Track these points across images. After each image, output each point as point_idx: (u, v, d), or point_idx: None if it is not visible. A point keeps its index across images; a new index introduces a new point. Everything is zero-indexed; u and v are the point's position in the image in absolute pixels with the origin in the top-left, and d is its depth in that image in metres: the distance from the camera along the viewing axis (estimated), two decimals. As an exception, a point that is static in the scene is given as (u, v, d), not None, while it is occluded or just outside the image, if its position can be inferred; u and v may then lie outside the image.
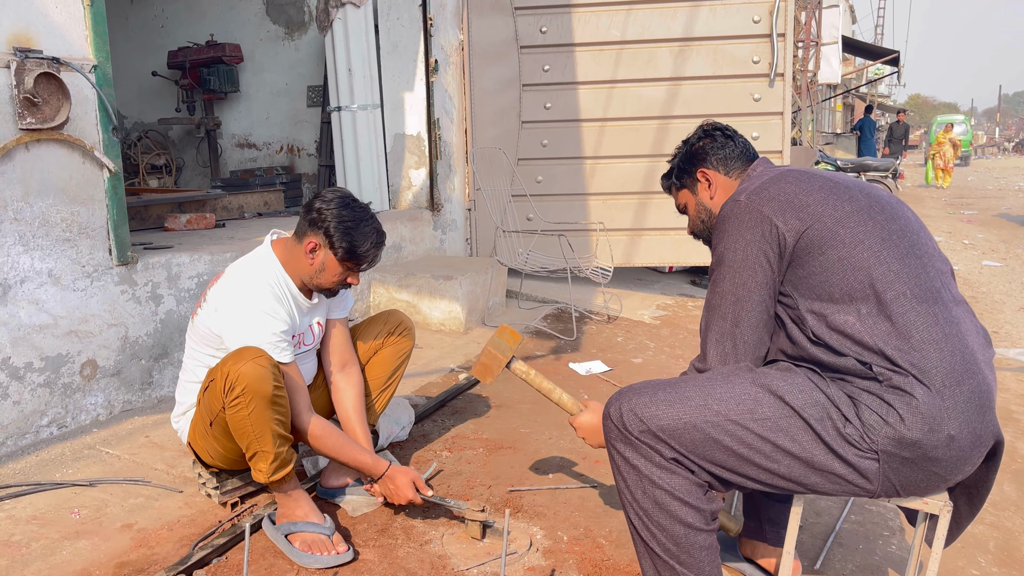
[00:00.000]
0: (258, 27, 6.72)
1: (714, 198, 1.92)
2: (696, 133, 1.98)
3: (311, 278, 2.25)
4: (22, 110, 2.61)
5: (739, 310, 1.69)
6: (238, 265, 2.29)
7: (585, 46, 5.52)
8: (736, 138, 1.94)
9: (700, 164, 1.93)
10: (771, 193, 1.69)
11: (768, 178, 1.76)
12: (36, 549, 2.13)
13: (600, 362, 4.01)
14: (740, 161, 1.91)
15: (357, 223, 2.18)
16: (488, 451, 2.87)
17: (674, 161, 2.01)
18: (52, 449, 2.73)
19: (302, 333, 2.36)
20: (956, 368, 1.51)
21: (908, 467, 1.52)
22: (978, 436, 1.52)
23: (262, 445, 2.07)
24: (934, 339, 1.53)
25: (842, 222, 1.62)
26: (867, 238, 1.61)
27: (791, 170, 1.78)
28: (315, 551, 2.10)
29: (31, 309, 2.73)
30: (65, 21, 2.77)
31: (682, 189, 1.99)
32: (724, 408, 1.59)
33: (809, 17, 15.67)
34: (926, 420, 1.48)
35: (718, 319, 1.72)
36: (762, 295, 1.67)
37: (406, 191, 5.54)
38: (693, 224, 2.00)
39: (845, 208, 1.64)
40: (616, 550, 2.21)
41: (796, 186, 1.69)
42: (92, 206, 2.89)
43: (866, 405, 1.53)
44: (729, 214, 1.72)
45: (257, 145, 6.92)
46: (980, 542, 2.39)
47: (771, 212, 1.65)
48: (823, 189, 1.68)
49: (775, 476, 1.59)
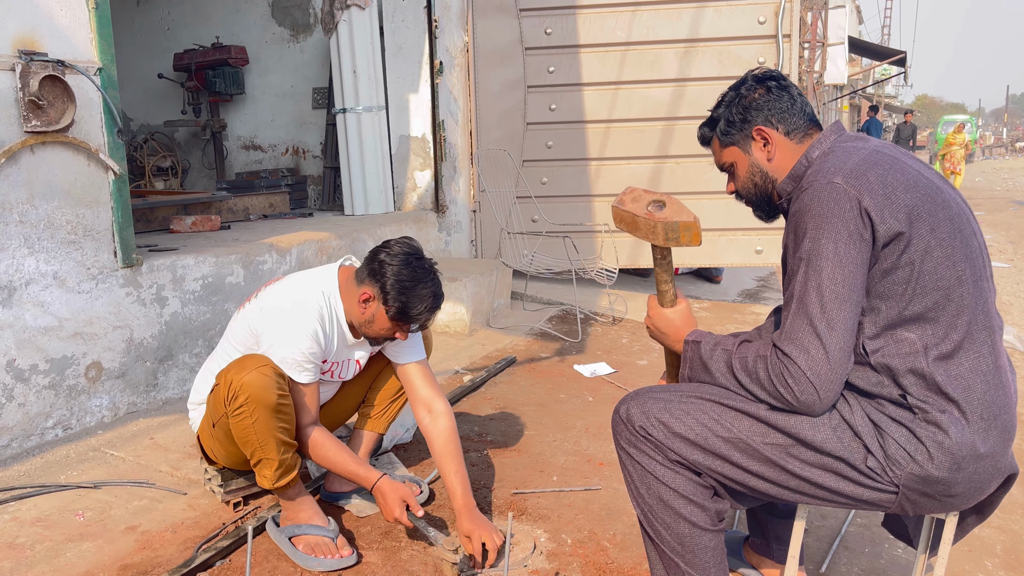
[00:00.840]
0: (263, 29, 6.72)
1: (772, 160, 1.69)
2: (747, 81, 1.73)
3: (360, 325, 2.21)
4: (27, 113, 2.62)
5: (836, 310, 1.45)
6: (300, 276, 2.28)
7: (590, 47, 5.51)
8: (792, 89, 1.70)
9: (756, 119, 1.69)
10: (871, 180, 1.48)
11: (862, 159, 1.53)
12: (40, 551, 2.13)
13: (605, 364, 4.00)
14: (800, 119, 1.68)
15: (415, 284, 2.10)
16: (492, 453, 2.86)
17: (719, 111, 1.76)
18: (57, 451, 2.74)
19: (337, 363, 2.31)
20: (997, 402, 1.47)
21: (926, 499, 1.49)
22: (998, 469, 1.49)
23: (266, 453, 2.07)
24: (984, 369, 1.47)
25: (935, 231, 1.46)
26: (954, 253, 1.47)
27: (882, 152, 1.56)
28: (319, 554, 2.09)
29: (36, 311, 2.73)
30: (70, 24, 2.77)
31: (730, 146, 1.74)
32: (736, 426, 1.56)
33: (815, 18, 15.63)
34: (955, 460, 1.43)
35: (812, 317, 1.46)
36: (859, 296, 1.47)
37: (411, 193, 5.54)
38: (743, 186, 1.76)
39: (939, 215, 1.48)
40: (620, 553, 2.20)
41: (893, 175, 1.49)
42: (97, 208, 2.90)
43: (893, 438, 1.46)
44: (826, 197, 1.49)
45: (262, 147, 6.92)
46: (987, 545, 2.37)
47: (871, 204, 1.45)
48: (918, 186, 1.50)
49: (784, 491, 1.57)
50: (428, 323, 2.20)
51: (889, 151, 1.58)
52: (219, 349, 2.34)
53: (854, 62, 21.99)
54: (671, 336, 1.78)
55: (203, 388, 2.34)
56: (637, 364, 4.07)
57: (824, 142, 1.65)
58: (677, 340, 1.76)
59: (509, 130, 5.68)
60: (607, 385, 3.70)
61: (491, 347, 4.27)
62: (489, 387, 3.63)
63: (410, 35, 5.34)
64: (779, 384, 1.49)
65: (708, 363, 1.65)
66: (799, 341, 1.47)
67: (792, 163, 1.68)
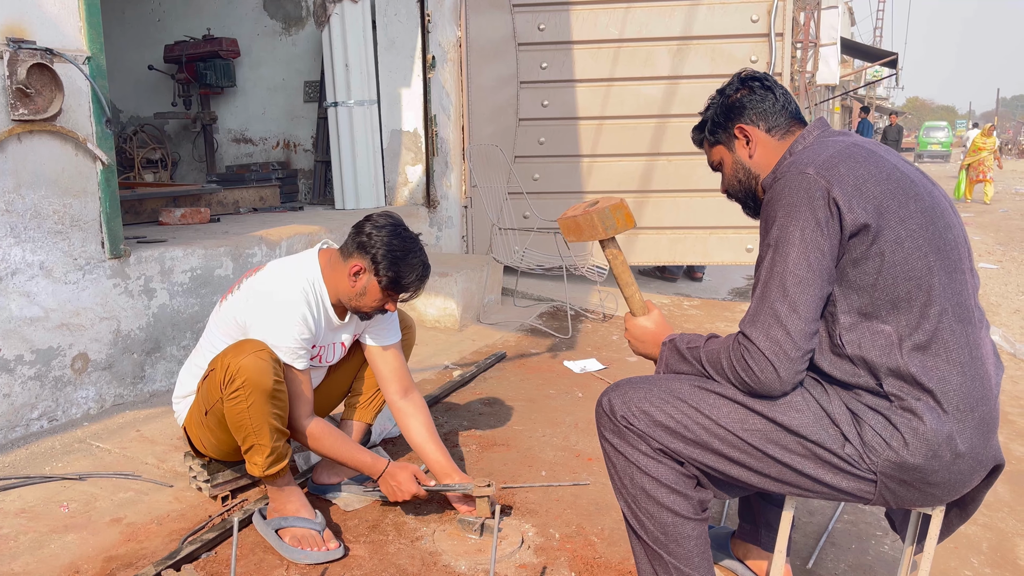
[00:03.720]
0: (255, 22, 6.69)
1: (754, 157, 1.76)
2: (732, 83, 1.81)
3: (350, 299, 2.20)
4: (15, 101, 2.59)
5: (799, 294, 1.48)
6: (280, 263, 2.26)
7: (583, 44, 5.50)
8: (776, 89, 1.77)
9: (738, 118, 1.76)
10: (842, 172, 1.51)
11: (836, 151, 1.57)
12: (24, 542, 2.11)
13: (595, 360, 4.00)
14: (782, 117, 1.74)
15: (406, 254, 2.13)
16: (481, 448, 2.86)
17: (708, 113, 1.84)
18: (42, 442, 2.72)
19: (323, 347, 2.31)
20: (974, 393, 1.48)
21: (905, 488, 1.50)
22: (979, 460, 1.50)
23: (259, 439, 2.06)
24: (960, 361, 1.48)
25: (905, 222, 1.49)
26: (926, 245, 1.49)
27: (859, 146, 1.60)
28: (305, 546, 2.09)
29: (22, 301, 2.71)
30: (59, 12, 2.75)
31: (716, 145, 1.83)
32: (715, 414, 1.57)
33: (808, 18, 15.68)
34: (930, 446, 1.45)
35: (774, 300, 1.50)
36: (823, 282, 1.50)
37: (402, 188, 5.52)
38: (728, 183, 1.84)
39: (910, 207, 1.51)
40: (608, 548, 2.20)
41: (865, 168, 1.53)
42: (85, 198, 2.88)
43: (869, 425, 1.48)
44: (796, 187, 1.52)
45: (253, 140, 6.89)
46: (973, 543, 2.38)
47: (840, 195, 1.48)
48: (891, 179, 1.53)
49: (766, 479, 1.58)
50: (419, 292, 2.23)
51: (868, 145, 1.61)
52: (204, 342, 2.32)
53: (846, 63, 22.09)
54: (650, 343, 1.83)
55: (188, 381, 2.33)
56: (627, 360, 4.07)
57: (807, 137, 1.70)
58: (655, 345, 1.82)
59: (501, 126, 5.67)
60: (596, 381, 3.70)
61: (481, 343, 4.27)
62: (479, 382, 3.62)
63: (403, 29, 5.32)
64: (740, 367, 1.53)
65: (680, 365, 1.70)
66: (760, 323, 1.51)
67: (776, 159, 1.74)
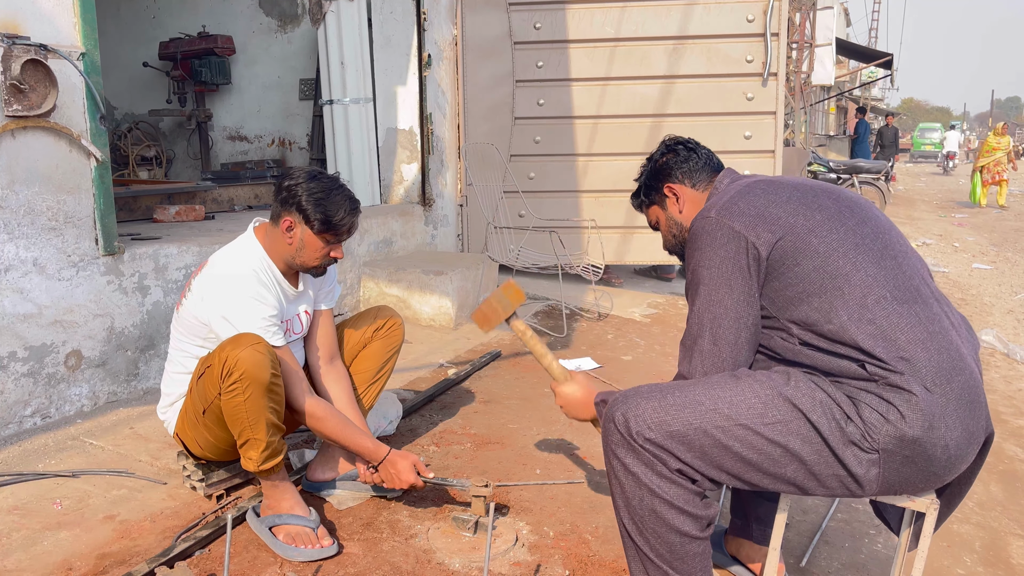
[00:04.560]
0: (251, 19, 6.68)
1: (683, 212, 1.92)
2: (659, 149, 2.00)
3: (293, 258, 2.23)
4: (8, 97, 2.58)
5: (717, 329, 1.66)
6: (221, 253, 2.27)
7: (579, 43, 5.50)
8: (699, 150, 1.95)
9: (666, 179, 1.93)
10: (740, 207, 1.67)
11: (736, 191, 1.74)
12: (17, 539, 2.11)
13: (590, 359, 4.00)
14: (705, 172, 1.92)
15: (328, 193, 2.17)
16: (476, 446, 2.86)
17: (640, 179, 2.02)
18: (35, 440, 2.71)
19: (289, 320, 2.34)
20: (944, 366, 1.51)
21: (907, 466, 1.51)
22: (971, 432, 1.52)
23: (255, 432, 2.05)
24: (919, 339, 1.52)
25: (814, 231, 1.61)
26: (841, 245, 1.60)
27: (758, 180, 1.77)
28: (299, 544, 2.08)
29: (15, 298, 2.70)
30: (53, 8, 2.74)
31: (651, 206, 2.00)
32: (735, 412, 1.56)
33: (803, 18, 15.70)
34: (926, 417, 1.47)
35: (697, 338, 1.69)
36: (739, 312, 1.65)
37: (398, 186, 5.52)
38: (665, 239, 2.01)
39: (816, 217, 1.64)
40: (602, 546, 2.20)
41: (765, 198, 1.68)
42: (78, 195, 2.87)
43: (866, 404, 1.51)
44: (700, 231, 1.70)
45: (248, 138, 6.88)
46: (966, 542, 2.39)
47: (742, 227, 1.64)
48: (791, 199, 1.67)
49: (778, 480, 1.57)
50: (354, 227, 2.25)
51: (767, 179, 1.78)
52: (174, 353, 2.33)
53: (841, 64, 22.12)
54: (581, 406, 1.96)
55: (171, 390, 2.34)
56: (622, 359, 4.07)
57: (720, 186, 1.86)
58: (588, 407, 1.94)
59: (497, 124, 5.67)
60: (591, 380, 3.70)
61: (476, 341, 4.27)
62: (473, 381, 3.62)
63: (398, 27, 5.31)
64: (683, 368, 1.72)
65: None
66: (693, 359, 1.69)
67: None
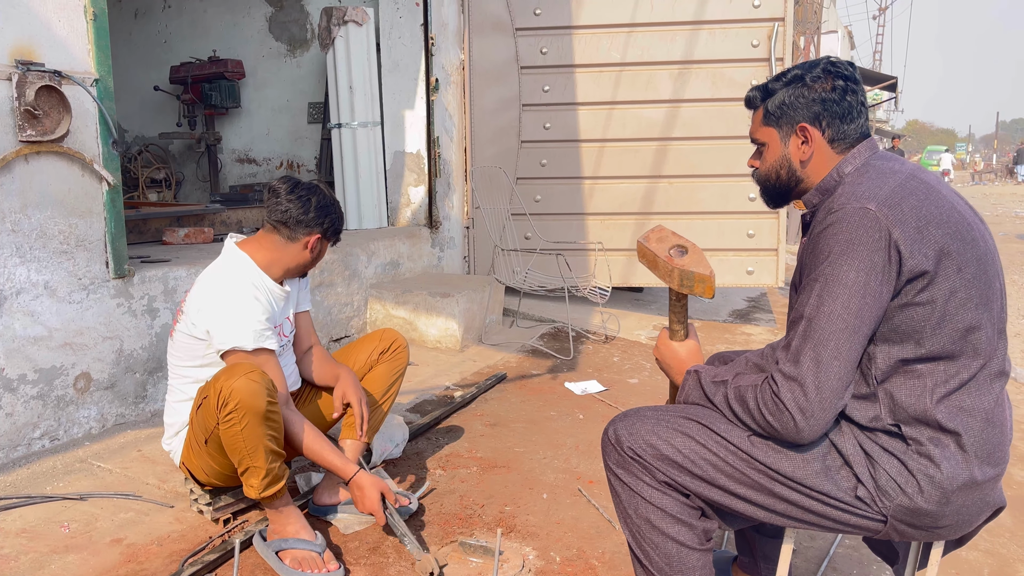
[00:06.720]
0: (260, 44, 6.75)
1: (805, 162, 1.62)
2: (819, 66, 1.61)
3: (304, 266, 2.38)
4: (23, 122, 2.62)
5: (842, 342, 1.42)
6: (210, 270, 2.32)
7: (585, 67, 5.55)
8: (860, 94, 1.60)
9: (806, 117, 1.60)
10: (904, 212, 1.43)
11: (897, 184, 1.49)
12: (25, 563, 2.11)
13: (596, 382, 4.00)
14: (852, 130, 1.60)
15: (329, 206, 2.34)
16: (482, 470, 2.86)
17: (779, 84, 1.64)
18: (44, 462, 2.72)
19: (280, 325, 2.39)
20: (992, 440, 1.47)
21: (912, 529, 1.50)
22: (987, 503, 1.51)
23: (254, 461, 2.06)
24: (984, 408, 1.47)
25: (962, 271, 1.43)
26: (977, 296, 1.44)
27: (917, 179, 1.51)
28: (306, 568, 2.08)
29: (26, 321, 2.72)
30: (68, 35, 2.78)
31: (770, 126, 1.65)
32: (723, 452, 1.56)
33: (808, 42, 15.80)
34: (944, 493, 1.44)
35: (818, 343, 1.44)
36: (869, 329, 1.44)
37: (405, 208, 5.55)
38: (766, 172, 1.69)
39: (967, 255, 1.44)
40: (609, 572, 2.19)
41: (928, 209, 1.45)
42: (90, 219, 2.90)
43: (884, 469, 1.47)
44: (856, 223, 1.43)
45: (257, 160, 6.93)
46: (975, 568, 2.37)
47: (902, 239, 1.41)
48: (951, 221, 1.45)
49: (772, 515, 1.57)
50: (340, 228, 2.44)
51: (924, 177, 1.54)
52: (174, 381, 2.36)
53: (846, 86, 22.16)
54: (675, 368, 1.83)
55: (175, 419, 2.37)
56: (628, 382, 4.07)
57: (857, 158, 1.59)
58: (680, 372, 1.80)
59: (503, 147, 5.71)
60: (598, 403, 3.70)
61: (482, 363, 4.27)
62: (480, 403, 3.62)
63: (406, 52, 5.37)
64: (767, 412, 1.49)
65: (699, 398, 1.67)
66: (797, 368, 1.45)
67: (824, 172, 1.62)
